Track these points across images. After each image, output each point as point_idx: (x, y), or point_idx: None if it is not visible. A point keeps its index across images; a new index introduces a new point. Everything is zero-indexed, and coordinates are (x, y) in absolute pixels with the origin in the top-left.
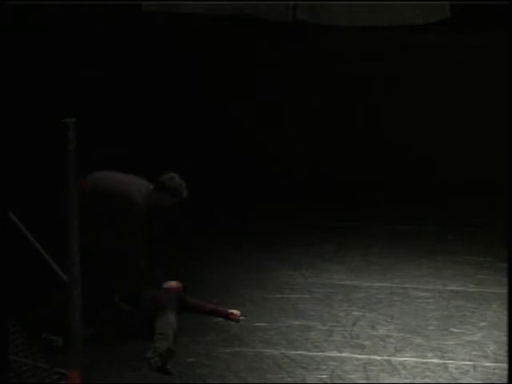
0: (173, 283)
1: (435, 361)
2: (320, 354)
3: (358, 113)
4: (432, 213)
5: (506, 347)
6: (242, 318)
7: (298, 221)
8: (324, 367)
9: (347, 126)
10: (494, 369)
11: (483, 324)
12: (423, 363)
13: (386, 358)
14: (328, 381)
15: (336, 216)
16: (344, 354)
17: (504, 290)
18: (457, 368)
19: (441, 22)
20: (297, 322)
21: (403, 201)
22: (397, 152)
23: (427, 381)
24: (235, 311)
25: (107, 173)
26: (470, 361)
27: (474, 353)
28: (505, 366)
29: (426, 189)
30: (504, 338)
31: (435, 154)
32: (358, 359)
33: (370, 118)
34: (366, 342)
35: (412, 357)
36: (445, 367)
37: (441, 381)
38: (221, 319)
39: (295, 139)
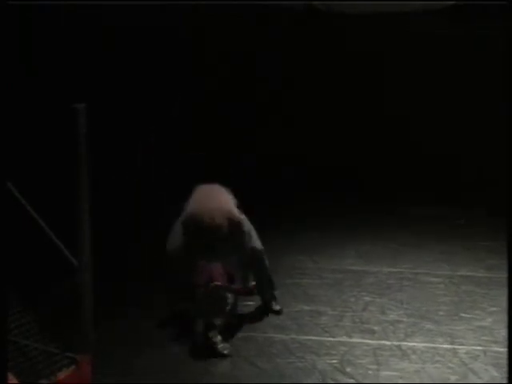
0: None
1: (445, 346)
2: (330, 339)
3: (359, 106)
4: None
5: None
6: (252, 303)
7: (305, 207)
8: (334, 352)
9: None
10: (504, 354)
11: (493, 309)
12: (433, 348)
13: (396, 343)
14: (338, 366)
15: (344, 201)
16: (354, 339)
17: None
18: (467, 353)
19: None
20: (307, 307)
21: (410, 188)
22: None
23: (437, 366)
24: None
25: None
26: (480, 346)
27: (484, 338)
28: None
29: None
30: None
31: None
32: (368, 344)
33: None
34: (376, 327)
35: (422, 342)
36: (455, 352)
37: (451, 366)
38: None
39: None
